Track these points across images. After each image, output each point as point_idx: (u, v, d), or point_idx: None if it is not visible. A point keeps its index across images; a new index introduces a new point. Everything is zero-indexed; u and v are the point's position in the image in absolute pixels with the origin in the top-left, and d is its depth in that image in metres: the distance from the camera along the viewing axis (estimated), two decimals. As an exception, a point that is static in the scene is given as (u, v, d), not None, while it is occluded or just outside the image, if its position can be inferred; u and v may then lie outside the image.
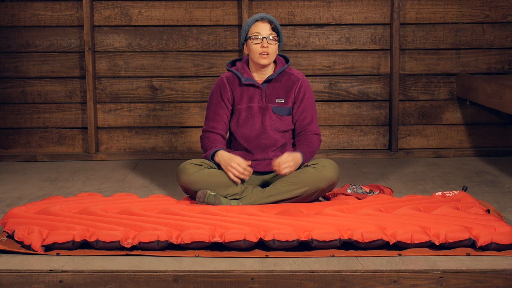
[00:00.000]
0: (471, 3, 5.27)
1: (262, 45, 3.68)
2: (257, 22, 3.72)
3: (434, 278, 2.86)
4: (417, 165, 5.01)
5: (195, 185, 3.65)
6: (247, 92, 3.77)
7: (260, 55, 3.69)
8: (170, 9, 5.28)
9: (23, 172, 4.88)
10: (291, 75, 3.79)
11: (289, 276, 2.86)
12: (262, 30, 3.69)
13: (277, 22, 3.76)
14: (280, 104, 3.76)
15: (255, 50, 3.70)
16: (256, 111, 3.76)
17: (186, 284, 2.86)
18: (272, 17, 3.77)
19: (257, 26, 3.71)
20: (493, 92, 4.70)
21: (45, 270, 2.88)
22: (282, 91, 3.77)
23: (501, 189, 4.24)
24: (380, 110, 5.36)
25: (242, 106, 3.77)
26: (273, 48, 3.70)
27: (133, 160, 5.26)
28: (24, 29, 5.28)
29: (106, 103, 5.33)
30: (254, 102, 3.76)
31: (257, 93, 3.76)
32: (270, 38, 3.68)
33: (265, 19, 3.72)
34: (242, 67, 3.79)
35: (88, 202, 3.62)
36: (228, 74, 3.82)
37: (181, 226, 3.19)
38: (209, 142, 3.75)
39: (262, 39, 3.68)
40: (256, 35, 3.69)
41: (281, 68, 3.77)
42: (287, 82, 3.78)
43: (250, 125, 3.76)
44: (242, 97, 3.77)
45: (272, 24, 3.71)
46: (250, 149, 3.79)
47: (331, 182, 3.65)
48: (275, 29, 3.72)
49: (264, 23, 3.71)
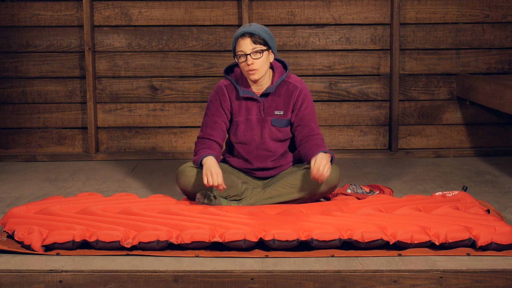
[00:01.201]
0: (471, 3, 5.27)
1: (247, 62, 3.57)
2: (238, 40, 3.60)
3: (434, 278, 2.86)
4: (417, 165, 5.01)
5: (194, 187, 3.65)
6: (245, 104, 3.69)
7: (248, 72, 3.59)
8: (170, 9, 5.28)
9: (23, 172, 4.88)
10: (290, 84, 3.69)
11: (289, 276, 2.86)
12: (243, 47, 3.57)
13: (262, 30, 3.61)
14: (279, 116, 3.69)
15: (242, 67, 3.61)
16: (255, 124, 3.70)
17: (186, 284, 2.86)
18: (255, 27, 3.61)
19: (239, 44, 3.59)
20: (493, 92, 4.70)
21: (45, 270, 2.88)
22: (281, 103, 3.69)
23: (501, 189, 4.24)
24: (380, 110, 5.36)
25: (241, 118, 3.70)
26: (259, 62, 3.58)
27: (133, 160, 5.26)
28: (24, 29, 5.28)
29: (106, 103, 5.33)
30: (253, 114, 3.69)
31: (255, 105, 3.69)
32: (254, 53, 3.56)
33: (246, 34, 3.58)
34: (240, 76, 3.70)
35: (88, 202, 3.62)
36: (226, 83, 3.72)
37: (181, 226, 3.19)
38: (202, 146, 3.66)
39: (246, 56, 3.57)
40: (239, 54, 3.59)
41: (279, 79, 3.67)
42: (285, 93, 3.69)
43: (249, 138, 3.71)
44: (241, 109, 3.70)
45: (254, 37, 3.57)
46: (249, 159, 3.75)
47: (332, 185, 3.64)
48: (258, 41, 3.58)
49: (244, 39, 3.58)
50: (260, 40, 3.59)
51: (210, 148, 3.64)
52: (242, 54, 3.58)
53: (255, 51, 3.57)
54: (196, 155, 3.65)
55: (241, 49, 3.58)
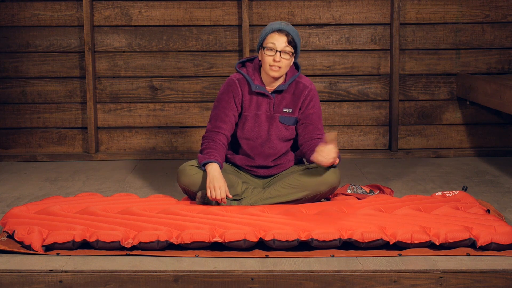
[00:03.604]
0: (471, 3, 5.27)
1: (274, 58, 3.56)
2: (274, 33, 3.58)
3: (434, 278, 2.86)
4: (417, 165, 5.01)
5: (195, 186, 3.65)
6: (256, 99, 3.69)
7: (271, 67, 3.58)
8: (170, 9, 5.28)
9: (23, 172, 4.88)
10: (299, 83, 3.70)
11: (289, 276, 2.86)
12: (277, 42, 3.56)
13: (296, 34, 3.61)
14: (288, 114, 3.70)
15: (267, 61, 3.58)
16: (263, 120, 3.70)
17: (186, 284, 2.86)
18: (291, 28, 3.61)
19: (273, 37, 3.57)
20: (493, 92, 4.70)
21: (45, 270, 2.88)
22: (291, 101, 3.70)
23: (501, 189, 4.24)
24: (380, 110, 5.36)
25: (250, 113, 3.70)
26: (285, 63, 3.58)
27: (133, 160, 5.26)
28: (24, 29, 5.28)
29: (106, 103, 5.33)
30: (262, 110, 3.69)
31: (266, 102, 3.69)
32: (284, 52, 3.57)
33: (283, 31, 3.57)
34: (253, 72, 3.69)
35: (88, 202, 3.62)
36: (239, 77, 3.71)
37: (181, 226, 3.19)
38: (210, 145, 3.64)
39: (276, 52, 3.56)
40: (270, 46, 3.57)
41: (292, 78, 3.68)
42: (295, 91, 3.69)
43: (256, 134, 3.71)
44: (251, 104, 3.69)
45: (289, 37, 3.57)
46: (252, 155, 3.75)
47: (332, 186, 3.63)
48: (292, 42, 3.58)
49: (281, 35, 3.57)
50: (293, 43, 3.60)
51: (216, 150, 3.62)
52: (273, 48, 3.57)
53: (286, 51, 3.57)
54: (202, 153, 3.63)
55: (274, 42, 3.56)
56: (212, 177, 3.51)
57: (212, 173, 3.52)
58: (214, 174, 3.52)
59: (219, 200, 3.50)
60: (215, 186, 3.49)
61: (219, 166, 3.56)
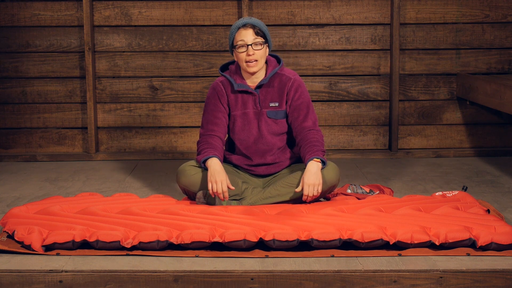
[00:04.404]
0: (471, 3, 5.27)
1: (248, 53, 3.60)
2: (239, 30, 3.63)
3: (434, 278, 2.86)
4: (417, 165, 5.01)
5: (195, 186, 3.65)
6: (241, 98, 3.71)
7: (247, 63, 3.62)
8: (170, 9, 5.28)
9: (23, 172, 4.88)
10: (283, 76, 3.72)
11: (289, 276, 2.86)
12: (245, 37, 3.61)
13: (261, 24, 3.67)
14: (275, 108, 3.71)
15: (241, 58, 3.63)
16: (252, 117, 3.71)
17: (186, 284, 2.86)
18: (255, 20, 3.67)
19: (240, 34, 3.63)
20: (493, 92, 4.70)
21: (45, 270, 2.88)
22: (276, 95, 3.71)
23: (501, 189, 4.24)
24: (380, 110, 5.36)
25: (237, 112, 3.71)
26: (259, 53, 3.62)
27: (133, 160, 5.26)
28: (24, 29, 5.28)
29: (106, 103, 5.33)
30: (249, 108, 3.71)
31: (251, 99, 3.71)
32: (255, 44, 3.61)
33: (248, 25, 3.63)
34: (235, 71, 3.73)
35: (88, 202, 3.62)
36: (222, 79, 3.75)
37: (181, 226, 3.19)
38: (206, 145, 3.65)
39: (247, 47, 3.61)
40: (240, 44, 3.62)
41: (272, 71, 3.70)
42: (279, 84, 3.71)
43: (247, 132, 3.72)
44: (237, 103, 3.71)
45: (256, 29, 3.63)
46: (248, 154, 3.76)
47: (331, 184, 3.64)
48: (259, 33, 3.63)
49: (247, 29, 3.62)
50: (261, 33, 3.64)
51: (213, 148, 3.64)
52: (243, 44, 3.61)
53: (256, 42, 3.61)
54: (199, 155, 3.64)
55: (242, 39, 3.61)
56: (213, 171, 3.52)
57: (213, 166, 3.53)
58: (215, 167, 3.53)
59: (220, 194, 3.50)
60: (217, 179, 3.50)
61: (218, 160, 3.57)
